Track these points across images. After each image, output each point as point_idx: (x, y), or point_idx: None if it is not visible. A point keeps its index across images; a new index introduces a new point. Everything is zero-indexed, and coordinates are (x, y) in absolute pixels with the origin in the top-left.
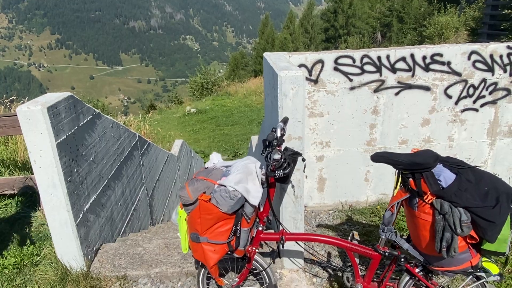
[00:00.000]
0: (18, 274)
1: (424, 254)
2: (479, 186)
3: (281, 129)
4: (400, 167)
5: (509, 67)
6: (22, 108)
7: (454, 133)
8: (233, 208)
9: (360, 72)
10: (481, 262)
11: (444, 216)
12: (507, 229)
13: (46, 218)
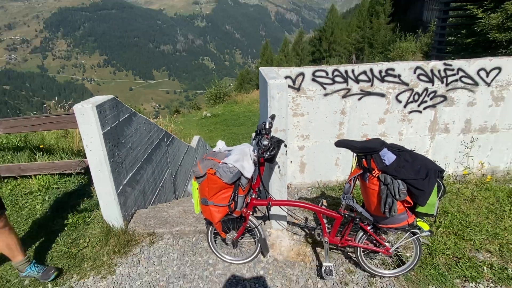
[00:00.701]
0: (74, 231)
1: (373, 215)
2: (413, 164)
3: (269, 122)
4: (356, 151)
5: (445, 79)
6: (78, 106)
7: (403, 129)
8: (232, 180)
9: (331, 82)
10: (415, 222)
11: (387, 186)
12: (434, 196)
13: (95, 189)
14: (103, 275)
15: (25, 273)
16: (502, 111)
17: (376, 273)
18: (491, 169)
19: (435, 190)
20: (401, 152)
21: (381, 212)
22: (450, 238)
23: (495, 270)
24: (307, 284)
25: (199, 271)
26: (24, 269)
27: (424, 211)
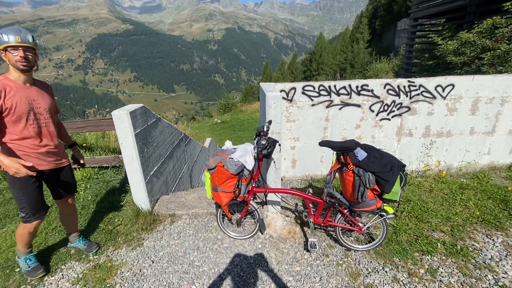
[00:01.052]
0: (110, 212)
1: (349, 201)
2: (381, 160)
3: (266, 126)
4: (336, 149)
5: (409, 93)
6: (115, 112)
7: (375, 134)
8: (236, 171)
9: (318, 95)
10: (383, 206)
11: (359, 177)
12: (397, 186)
13: (128, 179)
14: (133, 247)
15: (74, 244)
16: (455, 120)
17: (351, 247)
18: (447, 166)
19: (398, 181)
20: (371, 151)
21: (355, 198)
22: (411, 220)
23: (447, 246)
24: (296, 256)
25: (210, 244)
26: (74, 240)
27: (389, 198)
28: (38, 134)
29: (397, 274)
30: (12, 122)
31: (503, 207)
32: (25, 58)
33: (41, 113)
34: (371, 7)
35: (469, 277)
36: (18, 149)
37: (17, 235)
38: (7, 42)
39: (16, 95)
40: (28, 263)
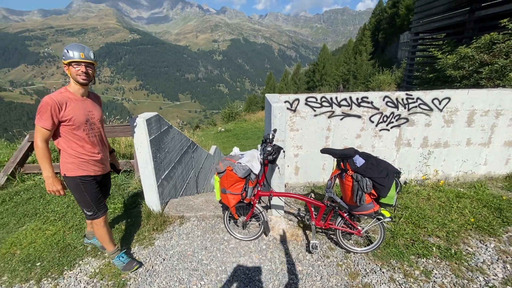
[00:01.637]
0: (123, 213)
1: (348, 205)
2: (378, 166)
3: (272, 134)
4: (336, 156)
5: (407, 106)
6: (132, 119)
7: (375, 143)
8: (244, 175)
9: (320, 106)
10: (380, 210)
11: (358, 182)
12: (393, 191)
13: (142, 182)
14: (145, 245)
15: (91, 240)
16: (452, 131)
17: (351, 250)
18: (445, 176)
19: (393, 186)
20: (369, 158)
21: (354, 202)
22: (409, 226)
23: (442, 250)
24: (298, 256)
25: (217, 244)
26: (92, 237)
27: (386, 202)
28: (94, 142)
29: (394, 275)
30: (71, 132)
31: (497, 215)
32: (85, 73)
33: (95, 123)
34: (374, 20)
35: (461, 279)
36: (77, 156)
37: (97, 236)
38: (72, 58)
39: (75, 107)
40: (122, 260)
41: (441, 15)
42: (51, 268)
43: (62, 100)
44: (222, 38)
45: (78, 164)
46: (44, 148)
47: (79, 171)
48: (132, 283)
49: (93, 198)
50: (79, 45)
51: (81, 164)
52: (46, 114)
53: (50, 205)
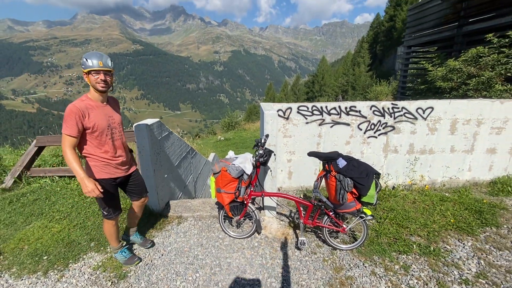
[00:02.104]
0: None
1: (333, 204)
2: (359, 168)
3: (264, 139)
4: (322, 158)
5: (393, 114)
6: (136, 124)
7: (364, 150)
8: (237, 175)
9: (311, 114)
10: (362, 208)
11: (340, 182)
12: (373, 190)
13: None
14: None
15: (132, 237)
16: (436, 139)
17: (337, 247)
18: (431, 181)
19: (373, 185)
20: (351, 160)
21: (337, 201)
22: (393, 226)
23: (422, 247)
24: (287, 253)
25: (212, 242)
26: (132, 234)
27: (367, 201)
28: (115, 146)
29: (375, 269)
30: (94, 138)
31: (477, 217)
32: (104, 81)
33: (116, 127)
34: (371, 33)
35: (437, 272)
36: (100, 160)
37: (106, 233)
38: (91, 66)
39: (97, 114)
40: (124, 255)
41: (431, 29)
42: (57, 261)
43: (84, 108)
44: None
45: (101, 168)
46: (73, 154)
47: (102, 174)
48: (132, 275)
49: (109, 201)
50: (97, 53)
51: (103, 168)
52: (71, 122)
53: (56, 206)
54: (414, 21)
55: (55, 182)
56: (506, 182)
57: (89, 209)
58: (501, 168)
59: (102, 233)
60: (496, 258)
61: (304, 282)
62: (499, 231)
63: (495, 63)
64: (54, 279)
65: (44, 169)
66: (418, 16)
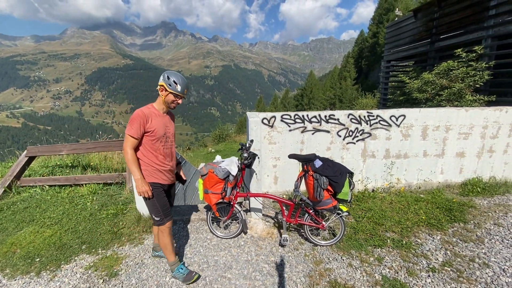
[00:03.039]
0: (115, 217)
1: (312, 201)
2: (333, 168)
3: (249, 143)
4: (301, 160)
5: (369, 122)
6: None
7: (343, 155)
8: (223, 176)
9: (294, 123)
10: (338, 205)
11: (317, 180)
12: (346, 188)
13: (134, 189)
14: (135, 244)
15: (158, 253)
16: (410, 144)
17: (317, 243)
18: (408, 184)
19: (347, 183)
20: (326, 161)
21: (315, 198)
22: (370, 224)
23: (395, 242)
24: (272, 250)
25: (201, 242)
26: (159, 249)
27: (342, 197)
28: (166, 154)
29: (352, 261)
30: (151, 143)
31: (447, 214)
32: (177, 103)
33: (170, 137)
34: (357, 49)
35: (408, 262)
36: (151, 165)
37: (162, 245)
38: (178, 92)
39: (158, 121)
40: (181, 272)
41: (407, 45)
42: (49, 262)
43: (149, 114)
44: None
45: (151, 172)
46: (132, 154)
47: (151, 178)
48: (123, 273)
49: (161, 204)
50: (185, 80)
51: (153, 172)
52: (136, 124)
53: (47, 213)
54: (392, 38)
55: (45, 191)
56: (476, 184)
57: (80, 215)
58: (471, 170)
59: (93, 236)
60: (461, 249)
61: (286, 275)
62: (466, 226)
63: (464, 75)
64: (47, 279)
65: (34, 179)
66: (396, 33)
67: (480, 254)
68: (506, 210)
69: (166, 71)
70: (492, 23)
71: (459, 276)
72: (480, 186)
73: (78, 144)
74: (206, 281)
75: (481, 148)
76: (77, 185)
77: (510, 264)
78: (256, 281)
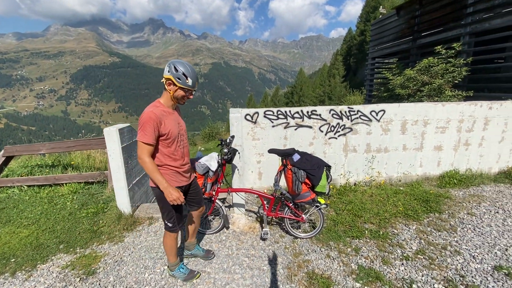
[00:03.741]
0: (95, 216)
1: (291, 195)
2: (311, 161)
3: (229, 139)
4: (280, 154)
5: (350, 117)
6: (106, 129)
7: (326, 150)
8: (203, 171)
9: (276, 118)
10: (317, 198)
11: (295, 174)
12: (324, 180)
13: (113, 185)
14: (115, 242)
15: (192, 251)
16: (390, 138)
17: (298, 236)
18: (388, 177)
19: (324, 176)
20: (304, 155)
21: (294, 191)
22: (349, 216)
23: (372, 232)
24: (253, 244)
25: (181, 238)
26: (192, 248)
27: (319, 190)
28: (183, 153)
29: (330, 253)
30: (166, 146)
31: (423, 205)
32: (188, 98)
33: (183, 134)
34: (345, 47)
35: (383, 252)
36: (168, 168)
37: (166, 247)
38: (189, 86)
39: (170, 121)
40: (182, 271)
41: (391, 42)
42: (25, 263)
43: (161, 115)
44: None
45: (171, 176)
46: (153, 163)
47: (171, 183)
48: (101, 271)
49: (176, 212)
50: (194, 69)
51: (172, 176)
52: (149, 129)
53: (24, 213)
54: (376, 35)
55: (23, 191)
56: (453, 176)
57: (58, 215)
58: (448, 163)
59: (71, 235)
60: (435, 238)
61: (265, 267)
62: (441, 216)
63: (443, 72)
64: (22, 279)
65: (12, 179)
66: (380, 30)
67: (452, 242)
68: (479, 200)
69: (172, 61)
70: (470, 21)
71: (431, 264)
72: (457, 178)
73: (58, 142)
74: None
75: (458, 142)
76: (57, 185)
77: (480, 251)
78: (235, 275)
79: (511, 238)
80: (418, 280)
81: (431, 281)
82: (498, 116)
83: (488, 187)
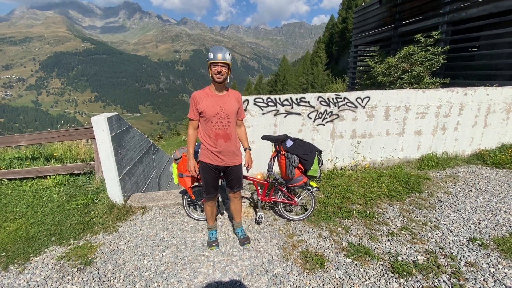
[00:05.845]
0: (86, 207)
1: (284, 179)
2: (304, 147)
3: None
4: (273, 141)
5: (337, 104)
6: (94, 118)
7: (314, 136)
8: (197, 159)
9: (266, 106)
10: (309, 182)
11: (288, 159)
12: (316, 165)
13: (104, 175)
14: (110, 232)
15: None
16: (374, 124)
17: (290, 218)
18: (372, 161)
19: (316, 161)
20: (297, 141)
21: (287, 176)
22: (338, 198)
23: (360, 213)
24: (248, 227)
25: (178, 225)
26: (236, 228)
27: (311, 174)
28: (218, 134)
29: (322, 232)
30: (204, 123)
31: (405, 186)
32: (219, 72)
33: (223, 117)
34: (327, 34)
35: (371, 230)
36: (203, 144)
37: (205, 212)
38: (212, 59)
39: (209, 102)
40: (210, 236)
41: (373, 30)
42: (17, 256)
43: (201, 95)
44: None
45: (204, 151)
46: (191, 135)
47: (203, 157)
48: (98, 260)
49: (205, 182)
50: (219, 47)
51: (205, 152)
52: (191, 107)
53: (8, 207)
54: (359, 23)
55: (4, 185)
56: (431, 158)
57: (46, 207)
58: (427, 147)
59: (63, 227)
60: (416, 215)
61: (262, 249)
62: (421, 195)
63: (423, 59)
64: (15, 272)
65: None
66: (362, 18)
67: (432, 218)
68: (455, 180)
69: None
70: (448, 10)
71: (414, 238)
72: (434, 160)
73: (39, 133)
74: (185, 260)
75: (436, 126)
76: (41, 177)
77: (457, 225)
78: (233, 257)
79: (483, 213)
80: (403, 253)
81: (414, 253)
82: (472, 102)
83: (462, 168)
